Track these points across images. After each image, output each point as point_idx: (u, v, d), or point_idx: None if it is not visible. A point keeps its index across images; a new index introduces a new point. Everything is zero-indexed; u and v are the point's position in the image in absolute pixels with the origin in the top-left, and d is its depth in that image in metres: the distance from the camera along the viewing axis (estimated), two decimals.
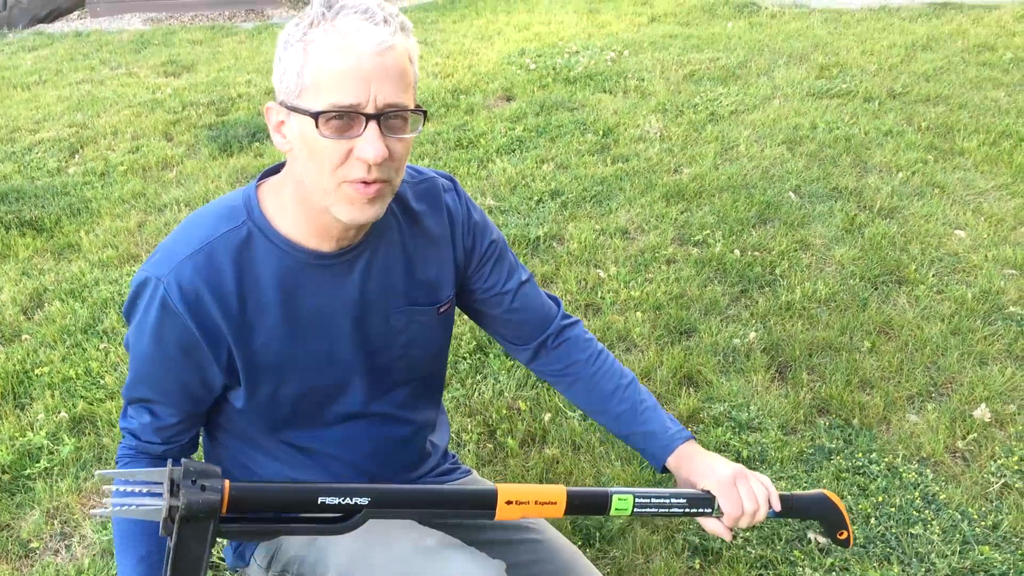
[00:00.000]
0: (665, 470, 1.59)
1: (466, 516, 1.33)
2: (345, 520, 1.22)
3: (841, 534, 1.48)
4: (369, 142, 1.22)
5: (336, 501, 1.19)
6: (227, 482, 1.13)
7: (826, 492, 1.48)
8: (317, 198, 1.29)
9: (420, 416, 1.64)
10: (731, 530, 1.44)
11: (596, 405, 1.67)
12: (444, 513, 1.31)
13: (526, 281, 1.66)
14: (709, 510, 1.40)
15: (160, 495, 1.11)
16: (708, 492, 1.41)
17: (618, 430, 1.66)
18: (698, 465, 1.50)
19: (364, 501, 1.20)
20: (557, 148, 4.94)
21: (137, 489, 1.12)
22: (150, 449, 1.47)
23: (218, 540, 1.54)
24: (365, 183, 1.25)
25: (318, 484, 1.23)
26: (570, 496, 1.30)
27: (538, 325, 1.67)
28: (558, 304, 1.71)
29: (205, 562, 1.13)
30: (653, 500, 1.36)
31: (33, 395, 3.03)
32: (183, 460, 1.13)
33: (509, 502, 1.27)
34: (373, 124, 1.22)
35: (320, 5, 1.23)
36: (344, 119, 1.21)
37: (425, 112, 1.30)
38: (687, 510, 1.40)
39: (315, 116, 1.21)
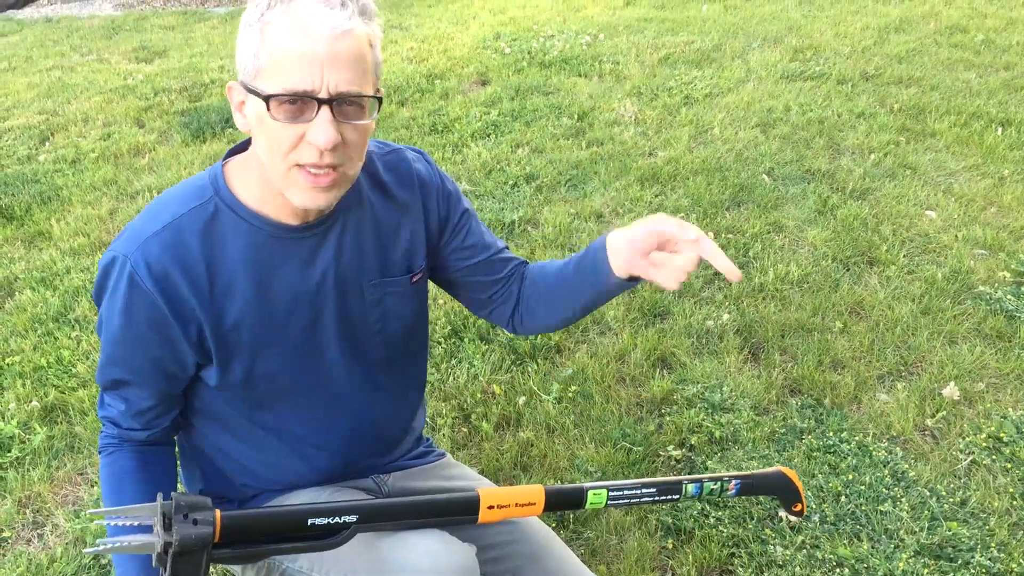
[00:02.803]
0: (632, 279, 1.44)
1: (451, 524, 1.37)
2: (335, 536, 1.24)
3: (796, 507, 1.54)
4: (320, 127, 1.22)
5: (325, 521, 1.22)
6: (218, 512, 1.14)
7: (783, 469, 1.54)
8: (274, 181, 1.30)
9: (396, 398, 1.64)
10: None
11: (557, 297, 1.59)
12: (429, 522, 1.34)
13: (503, 248, 1.66)
14: (677, 496, 1.45)
15: (151, 529, 1.12)
16: (677, 480, 1.45)
17: (570, 289, 1.56)
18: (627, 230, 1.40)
19: (352, 519, 1.23)
20: (532, 132, 4.93)
21: (128, 523, 1.13)
22: (133, 436, 1.47)
23: None
24: (316, 173, 1.25)
25: (307, 506, 1.25)
26: (548, 494, 1.36)
27: (504, 278, 1.65)
28: (513, 257, 1.68)
29: None
30: (625, 492, 1.41)
31: (4, 384, 3.01)
32: (173, 494, 1.13)
33: (491, 506, 1.33)
34: (325, 109, 1.22)
35: None
36: (296, 104, 1.22)
37: (380, 98, 1.29)
38: (656, 498, 1.45)
39: (267, 99, 1.22)
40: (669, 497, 1.46)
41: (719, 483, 1.49)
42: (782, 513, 2.32)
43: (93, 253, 3.91)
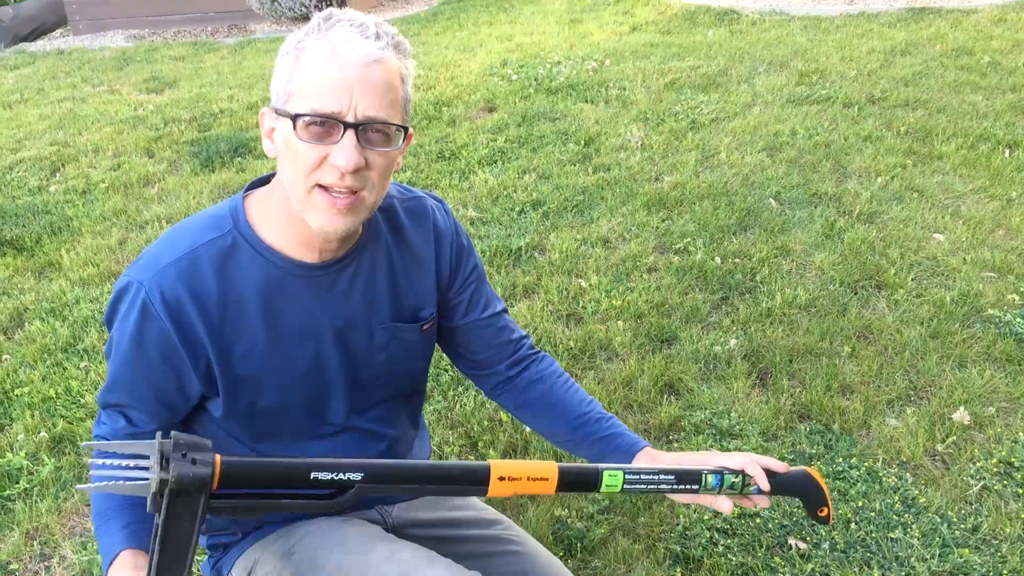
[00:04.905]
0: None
1: (459, 493, 1.32)
2: (337, 496, 1.19)
3: (822, 511, 1.48)
4: (344, 149, 1.23)
5: (329, 476, 1.17)
6: (218, 456, 1.10)
7: (808, 469, 1.48)
8: (294, 203, 1.30)
9: (399, 432, 1.64)
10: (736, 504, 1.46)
11: (559, 420, 1.66)
12: (437, 489, 1.27)
13: (502, 311, 1.68)
14: (697, 486, 1.39)
15: (147, 470, 1.08)
16: (696, 470, 1.40)
17: (580, 439, 1.64)
18: (693, 456, 1.50)
19: (357, 476, 1.18)
20: (539, 158, 4.95)
21: (123, 463, 1.09)
22: None
23: (196, 556, 1.54)
24: (336, 195, 1.26)
25: (311, 459, 1.20)
26: (562, 472, 1.30)
27: (507, 353, 1.68)
28: (526, 336, 1.73)
29: (195, 539, 1.10)
30: (643, 476, 1.35)
31: (13, 415, 3.02)
32: (173, 432, 1.09)
33: (502, 478, 1.26)
34: (350, 133, 1.23)
35: (319, 17, 1.27)
36: (324, 125, 1.23)
37: (407, 128, 1.31)
38: (675, 486, 1.38)
39: (294, 118, 1.23)
40: (688, 487, 1.39)
41: (740, 476, 1.42)
42: (792, 541, 2.30)
43: (102, 283, 3.93)
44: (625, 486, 1.34)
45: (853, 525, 2.36)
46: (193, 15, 10.15)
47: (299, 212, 1.30)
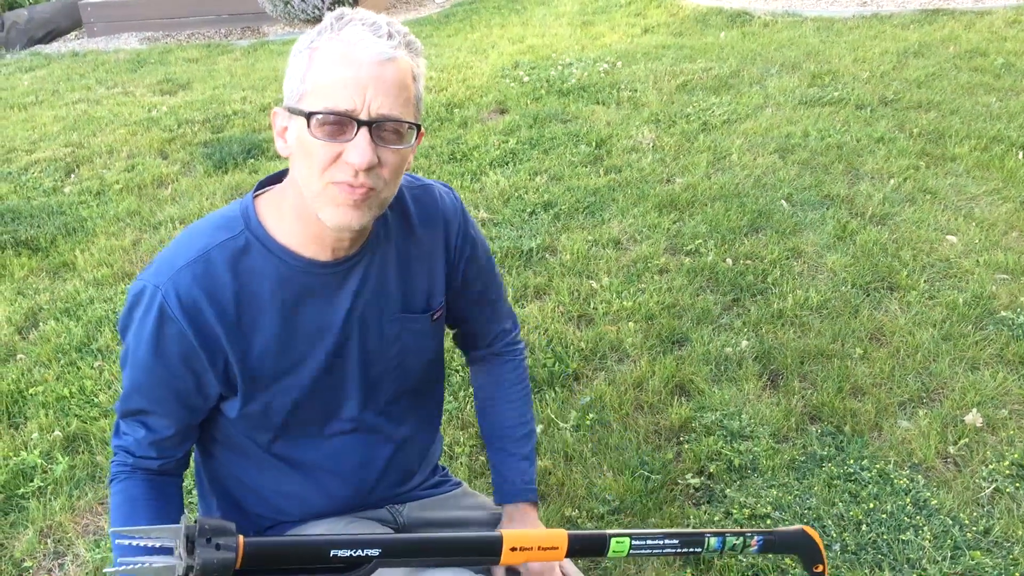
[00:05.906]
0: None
1: (473, 563, 1.37)
2: (355, 569, 1.23)
3: (817, 567, 1.52)
4: (357, 147, 1.24)
5: (348, 553, 1.21)
6: (241, 538, 1.13)
7: (804, 528, 1.52)
8: (308, 201, 1.31)
9: (412, 430, 1.65)
10: None
11: (487, 427, 1.78)
12: (452, 560, 1.34)
13: (496, 299, 1.72)
14: (699, 549, 1.45)
15: (171, 551, 1.11)
16: (699, 533, 1.47)
17: (491, 453, 1.78)
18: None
19: (375, 552, 1.22)
20: (550, 160, 4.96)
21: (146, 544, 1.12)
22: (146, 464, 1.47)
23: None
24: (351, 186, 1.27)
25: (330, 536, 1.24)
26: (571, 540, 1.36)
27: (486, 338, 1.77)
28: (512, 331, 1.79)
29: None
30: (648, 542, 1.41)
31: (27, 414, 3.04)
32: (198, 518, 1.13)
33: (514, 548, 1.32)
34: (364, 131, 1.24)
35: (331, 17, 1.28)
36: (337, 123, 1.24)
37: (419, 126, 1.32)
38: (679, 549, 1.45)
39: (308, 116, 1.24)
40: (691, 549, 1.45)
41: (741, 538, 1.47)
42: None
43: (116, 283, 3.96)
44: (631, 551, 1.40)
45: (864, 527, 2.36)
46: (206, 17, 10.20)
47: (313, 210, 1.31)
